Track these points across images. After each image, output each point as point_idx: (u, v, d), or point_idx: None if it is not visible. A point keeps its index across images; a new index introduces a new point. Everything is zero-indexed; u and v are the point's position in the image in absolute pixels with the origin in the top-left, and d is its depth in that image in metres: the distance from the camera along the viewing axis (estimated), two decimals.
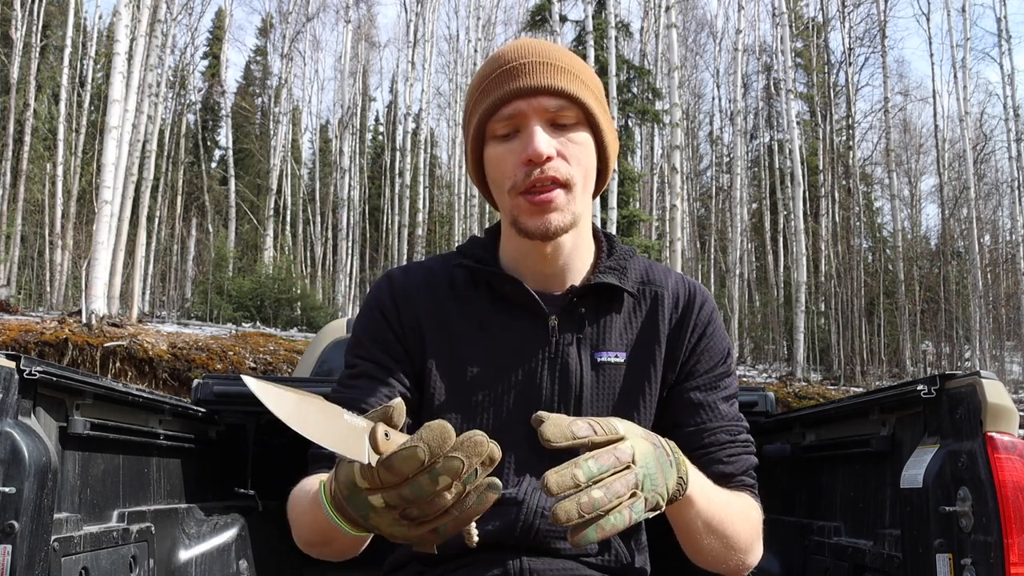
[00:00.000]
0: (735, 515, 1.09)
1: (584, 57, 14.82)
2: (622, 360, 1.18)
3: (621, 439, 0.86)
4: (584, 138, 1.13)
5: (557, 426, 0.84)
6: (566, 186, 1.10)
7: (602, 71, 15.27)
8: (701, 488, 1.02)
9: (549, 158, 1.08)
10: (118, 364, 10.43)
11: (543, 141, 1.08)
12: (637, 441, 0.88)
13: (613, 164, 1.20)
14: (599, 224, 1.33)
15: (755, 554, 1.14)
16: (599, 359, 1.18)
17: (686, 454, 1.15)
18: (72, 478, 1.52)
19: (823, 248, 20.72)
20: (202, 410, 2.15)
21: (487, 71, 1.14)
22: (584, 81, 1.13)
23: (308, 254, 26.01)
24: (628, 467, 0.84)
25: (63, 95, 20.94)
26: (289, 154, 25.02)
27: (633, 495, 0.83)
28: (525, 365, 1.16)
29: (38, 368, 1.32)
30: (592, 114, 1.13)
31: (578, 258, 1.20)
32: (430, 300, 1.20)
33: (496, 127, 1.12)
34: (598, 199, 14.21)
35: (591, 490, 0.80)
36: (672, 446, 0.95)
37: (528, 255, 1.18)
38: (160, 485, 1.95)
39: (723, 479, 1.15)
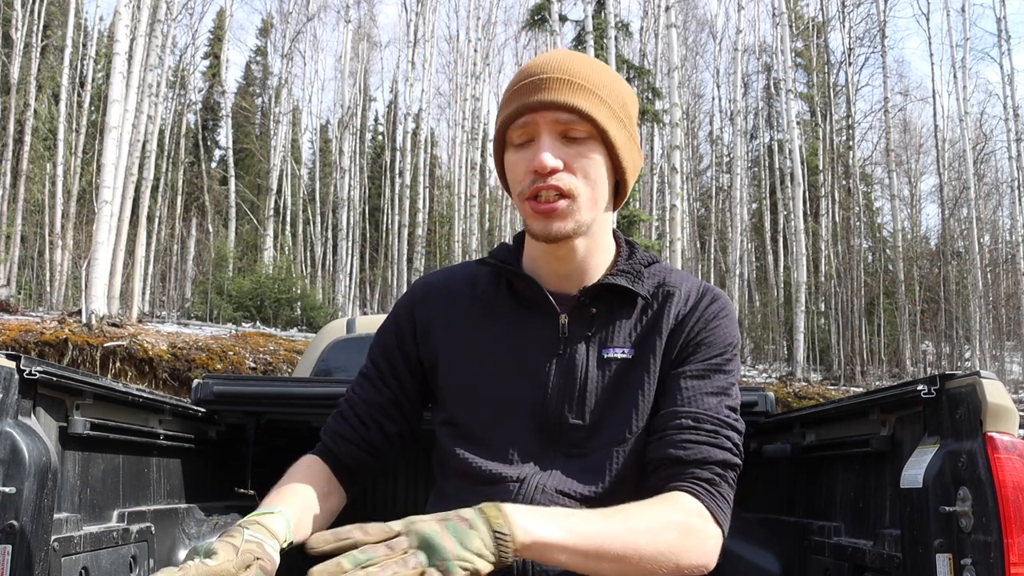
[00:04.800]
0: (639, 531, 1.02)
1: None
2: (629, 356, 1.22)
3: (396, 535, 0.92)
4: (593, 153, 1.17)
5: (321, 535, 0.93)
6: (569, 196, 1.16)
7: None
8: (553, 526, 0.98)
9: (554, 170, 1.14)
10: (118, 364, 10.43)
11: (549, 153, 1.14)
12: (419, 526, 0.93)
13: (632, 178, 1.24)
14: (641, 247, 1.35)
15: (692, 559, 1.06)
16: (606, 355, 1.22)
17: (653, 433, 1.17)
18: (72, 478, 1.52)
19: (823, 248, 20.73)
20: (202, 410, 2.15)
21: (514, 82, 1.20)
22: (603, 98, 1.17)
23: (308, 254, 26.01)
24: (405, 552, 0.90)
25: (63, 95, 20.94)
26: (289, 154, 25.02)
27: (423, 574, 0.89)
28: (534, 360, 1.22)
29: (38, 368, 1.32)
30: (604, 130, 1.16)
31: (593, 262, 1.25)
32: (448, 300, 1.30)
33: (513, 135, 1.19)
34: None
35: (357, 572, 0.87)
36: (473, 512, 0.96)
37: (544, 257, 1.25)
38: (160, 485, 1.95)
39: (674, 466, 1.13)
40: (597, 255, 1.25)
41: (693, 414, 1.16)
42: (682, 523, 1.07)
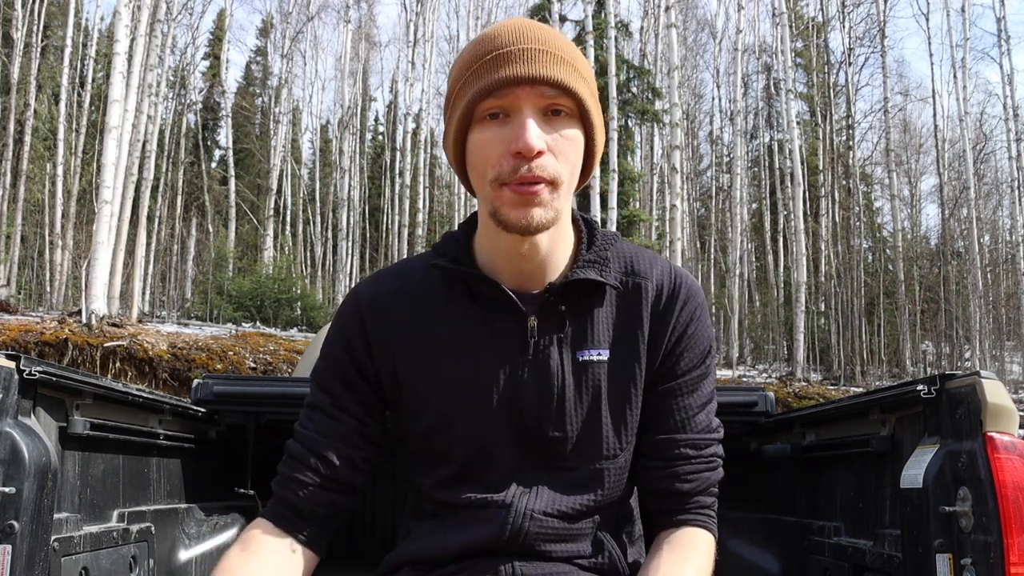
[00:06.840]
0: None
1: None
2: (605, 358, 1.15)
3: None
4: (575, 133, 1.08)
5: None
6: (552, 184, 1.05)
7: (602, 71, 15.27)
8: None
9: (540, 153, 1.03)
10: (118, 364, 10.43)
11: (535, 135, 1.03)
12: None
13: (597, 160, 1.15)
14: (599, 223, 1.27)
15: None
16: (581, 358, 1.14)
17: (652, 460, 1.17)
18: (72, 478, 1.52)
19: (823, 248, 20.71)
20: (202, 410, 2.15)
21: (480, 51, 1.07)
22: (580, 72, 1.08)
23: (308, 254, 26.00)
24: None
25: (63, 95, 20.92)
26: (289, 154, 25.01)
27: None
28: (506, 368, 1.13)
29: (38, 368, 1.32)
30: (586, 109, 1.07)
31: (556, 253, 1.15)
32: (403, 310, 1.17)
33: (486, 111, 1.06)
34: (597, 198, 14.25)
35: None
36: None
37: (504, 252, 1.13)
38: (160, 485, 1.95)
39: (679, 497, 1.16)
40: (561, 245, 1.15)
41: (692, 441, 1.16)
42: (706, 569, 1.13)
